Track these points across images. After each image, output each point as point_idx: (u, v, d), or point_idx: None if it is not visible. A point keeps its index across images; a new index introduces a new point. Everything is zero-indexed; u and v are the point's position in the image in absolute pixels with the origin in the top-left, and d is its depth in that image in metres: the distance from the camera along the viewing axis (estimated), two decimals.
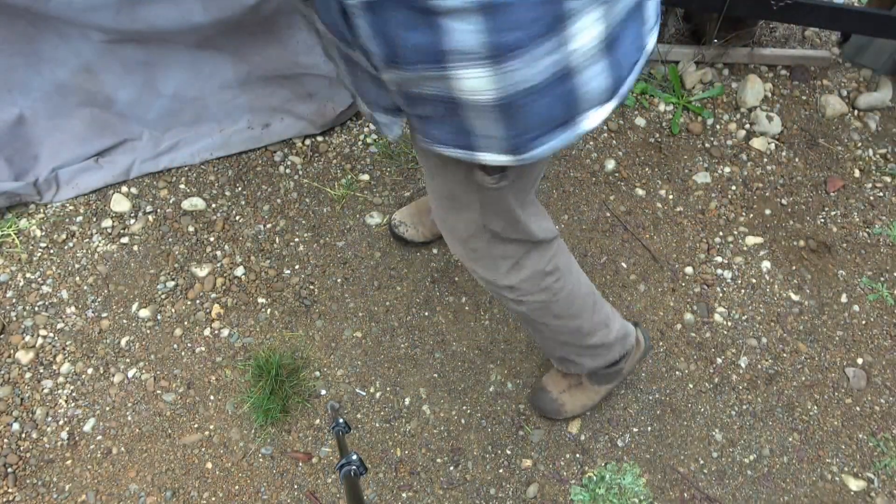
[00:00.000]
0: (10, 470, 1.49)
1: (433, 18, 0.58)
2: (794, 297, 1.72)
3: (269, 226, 1.80)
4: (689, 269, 1.75)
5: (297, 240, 1.78)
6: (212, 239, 1.77)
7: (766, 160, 1.93)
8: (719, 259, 1.77)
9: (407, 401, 1.58)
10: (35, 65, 1.64)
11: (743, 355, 1.65)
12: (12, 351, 1.62)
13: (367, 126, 1.97)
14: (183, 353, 1.63)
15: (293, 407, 1.56)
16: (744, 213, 1.84)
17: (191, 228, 1.78)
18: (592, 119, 0.71)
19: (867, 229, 1.82)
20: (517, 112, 0.67)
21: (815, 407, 1.59)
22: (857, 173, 1.91)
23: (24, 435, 1.53)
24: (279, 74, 1.78)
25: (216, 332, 1.65)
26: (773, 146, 1.96)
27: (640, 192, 1.87)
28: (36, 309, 1.67)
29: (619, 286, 1.73)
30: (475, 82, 0.64)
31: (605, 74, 0.68)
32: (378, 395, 1.58)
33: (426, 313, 1.68)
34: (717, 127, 1.99)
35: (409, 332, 1.66)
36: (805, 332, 1.68)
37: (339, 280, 1.72)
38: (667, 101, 2.02)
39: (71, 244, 1.76)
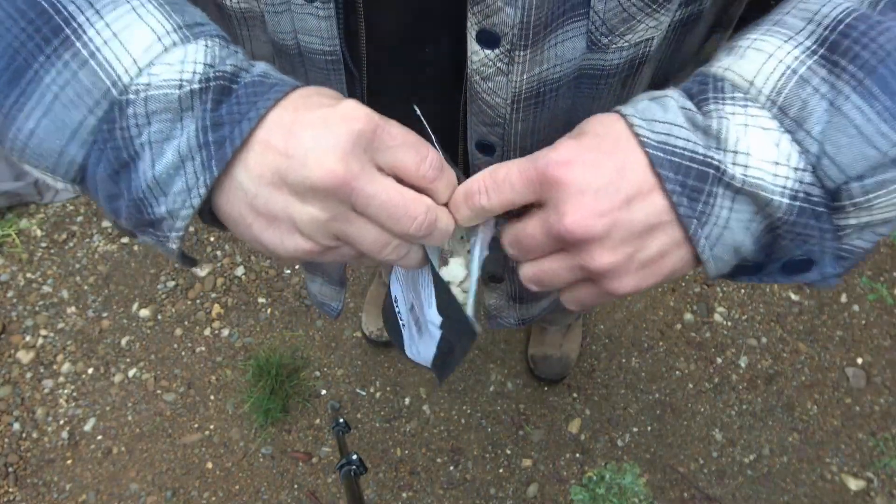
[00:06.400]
0: (10, 469, 1.49)
1: None
2: (794, 297, 1.72)
3: None
4: None
5: None
6: (212, 239, 1.77)
7: None
8: None
9: (407, 401, 1.58)
10: None
11: (743, 355, 1.65)
12: (13, 351, 1.62)
13: None
14: (183, 353, 1.63)
15: (293, 407, 1.56)
16: None
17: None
18: None
19: None
20: None
21: (815, 407, 1.59)
22: None
23: (24, 435, 1.53)
24: None
25: (216, 331, 1.65)
26: None
27: None
28: (36, 309, 1.67)
29: None
30: None
31: None
32: (378, 395, 1.59)
33: None
34: None
35: None
36: (805, 331, 1.68)
37: None
38: None
39: (71, 244, 1.76)
